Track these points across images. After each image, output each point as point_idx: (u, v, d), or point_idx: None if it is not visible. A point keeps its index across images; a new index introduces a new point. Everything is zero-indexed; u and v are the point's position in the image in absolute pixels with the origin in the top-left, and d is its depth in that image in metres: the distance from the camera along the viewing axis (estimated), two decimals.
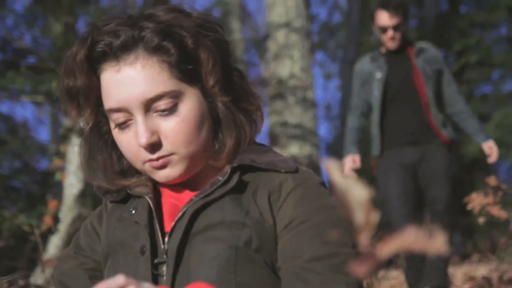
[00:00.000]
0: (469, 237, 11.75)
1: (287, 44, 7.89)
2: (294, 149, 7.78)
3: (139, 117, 1.38)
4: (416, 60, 4.91)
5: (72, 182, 6.09)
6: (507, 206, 4.51)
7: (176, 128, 1.39)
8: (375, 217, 0.62)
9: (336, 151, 19.32)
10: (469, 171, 17.03)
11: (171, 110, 1.39)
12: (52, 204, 6.18)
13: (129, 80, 1.36)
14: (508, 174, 18.25)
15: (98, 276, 1.51)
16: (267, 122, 8.04)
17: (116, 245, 1.45)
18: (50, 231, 6.15)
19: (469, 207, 4.26)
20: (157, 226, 1.42)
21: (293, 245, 1.36)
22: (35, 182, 12.61)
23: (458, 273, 6.72)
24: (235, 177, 1.41)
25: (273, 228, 1.39)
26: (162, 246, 1.40)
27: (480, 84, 17.60)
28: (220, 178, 1.42)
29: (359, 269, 0.59)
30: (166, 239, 1.40)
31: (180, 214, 1.40)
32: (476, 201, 4.23)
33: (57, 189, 7.96)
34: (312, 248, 1.35)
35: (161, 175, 1.42)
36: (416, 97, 4.90)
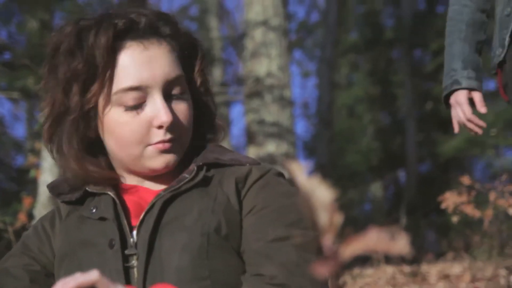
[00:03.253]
0: (444, 235, 11.83)
1: (264, 42, 7.90)
2: (271, 147, 7.79)
3: (158, 97, 1.43)
4: None
5: (47, 179, 6.05)
6: (481, 205, 4.55)
7: (186, 113, 1.47)
8: (339, 218, 0.63)
9: (313, 149, 19.39)
10: (444, 170, 17.14)
11: (182, 96, 1.47)
12: (26, 201, 6.15)
13: (156, 59, 1.43)
14: (483, 173, 18.40)
15: (41, 280, 1.50)
16: (244, 120, 8.05)
17: (76, 245, 1.45)
18: (24, 228, 6.11)
19: (443, 206, 4.30)
20: (125, 220, 1.44)
21: (256, 228, 1.41)
22: (10, 179, 12.53)
23: (432, 271, 6.76)
24: (201, 174, 1.46)
25: (239, 214, 1.43)
26: (131, 240, 1.41)
27: None
28: (187, 176, 1.46)
29: (322, 269, 0.60)
30: (134, 232, 1.42)
31: (149, 206, 1.42)
32: (450, 200, 4.27)
33: (33, 186, 7.91)
34: (274, 230, 1.39)
35: (162, 161, 1.45)
36: None
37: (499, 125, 13.66)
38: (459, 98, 2.64)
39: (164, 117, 1.41)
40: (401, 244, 0.59)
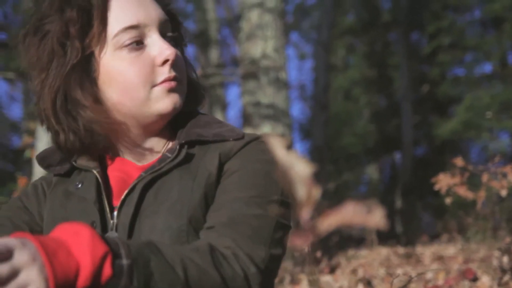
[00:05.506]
0: (439, 217, 11.89)
1: (260, 24, 7.87)
2: (266, 129, 7.78)
3: (157, 35, 1.44)
4: None
5: None
6: (475, 187, 4.56)
7: (181, 56, 1.49)
8: (316, 192, 0.64)
9: (309, 131, 19.39)
10: (440, 152, 17.17)
11: (176, 39, 1.50)
12: (21, 181, 6.15)
13: (146, 1, 1.46)
14: (479, 155, 18.43)
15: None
16: (241, 102, 8.05)
17: (60, 220, 1.41)
18: None
19: (436, 187, 4.30)
20: (106, 202, 1.44)
21: (221, 190, 1.41)
22: (6, 159, 12.54)
23: (427, 252, 6.81)
24: (183, 152, 1.45)
25: (217, 187, 1.43)
26: (112, 221, 1.42)
27: (453, 66, 17.73)
28: (169, 155, 1.45)
29: (298, 241, 0.61)
30: (115, 213, 1.42)
31: (129, 189, 1.42)
32: (443, 181, 4.28)
33: (28, 167, 7.93)
34: (236, 191, 1.39)
35: (170, 101, 1.44)
36: None
37: (494, 107, 13.67)
38: None
39: (168, 50, 1.42)
40: (377, 217, 0.60)
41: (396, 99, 18.63)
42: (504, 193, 4.24)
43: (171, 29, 1.52)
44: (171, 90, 1.43)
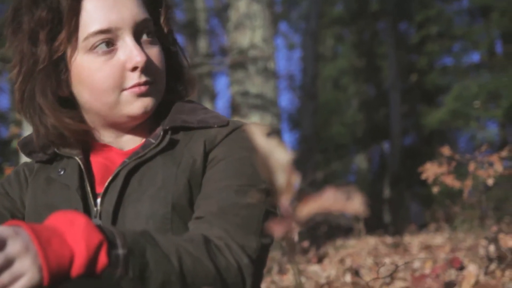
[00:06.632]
0: (428, 207, 11.93)
1: (248, 13, 7.85)
2: (255, 119, 7.78)
3: (129, 39, 1.41)
4: None
5: None
6: (462, 176, 4.57)
7: (159, 57, 1.45)
8: (296, 179, 0.64)
9: (297, 121, 19.40)
10: (428, 142, 17.23)
11: (153, 40, 1.45)
12: (8, 171, 6.13)
13: (122, 2, 1.41)
14: (467, 145, 18.49)
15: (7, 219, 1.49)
16: (229, 92, 8.04)
17: (42, 207, 1.45)
18: None
19: (423, 176, 4.30)
20: (89, 189, 1.43)
21: (209, 177, 1.41)
22: None
23: (414, 241, 6.83)
24: (167, 138, 1.45)
25: (202, 175, 1.43)
26: (95, 209, 1.42)
27: (441, 55, 17.77)
28: (153, 141, 1.45)
29: (278, 228, 0.61)
30: (98, 200, 1.42)
31: (113, 175, 1.42)
32: (430, 170, 4.28)
33: (15, 157, 7.89)
34: (224, 179, 1.39)
35: (140, 105, 1.43)
36: None
37: (482, 97, 13.71)
38: None
39: (138, 57, 1.39)
40: (356, 203, 0.60)
41: (385, 89, 18.67)
42: (490, 182, 4.24)
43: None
44: (141, 95, 1.42)
